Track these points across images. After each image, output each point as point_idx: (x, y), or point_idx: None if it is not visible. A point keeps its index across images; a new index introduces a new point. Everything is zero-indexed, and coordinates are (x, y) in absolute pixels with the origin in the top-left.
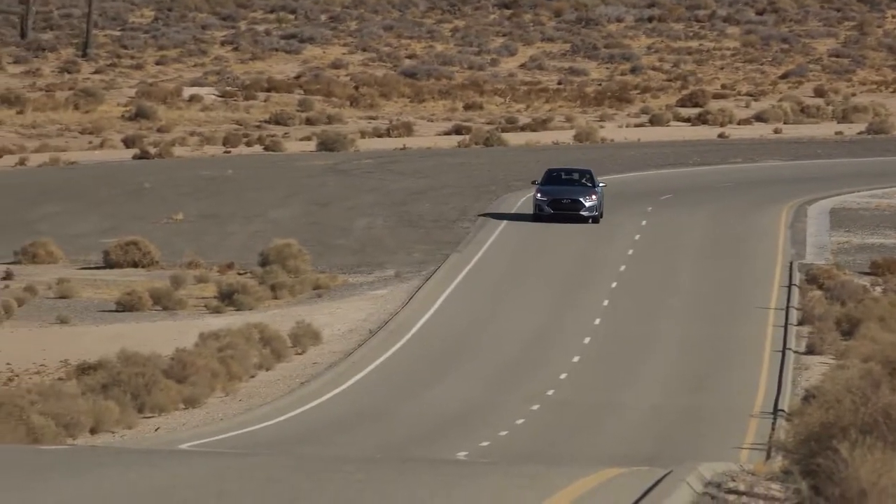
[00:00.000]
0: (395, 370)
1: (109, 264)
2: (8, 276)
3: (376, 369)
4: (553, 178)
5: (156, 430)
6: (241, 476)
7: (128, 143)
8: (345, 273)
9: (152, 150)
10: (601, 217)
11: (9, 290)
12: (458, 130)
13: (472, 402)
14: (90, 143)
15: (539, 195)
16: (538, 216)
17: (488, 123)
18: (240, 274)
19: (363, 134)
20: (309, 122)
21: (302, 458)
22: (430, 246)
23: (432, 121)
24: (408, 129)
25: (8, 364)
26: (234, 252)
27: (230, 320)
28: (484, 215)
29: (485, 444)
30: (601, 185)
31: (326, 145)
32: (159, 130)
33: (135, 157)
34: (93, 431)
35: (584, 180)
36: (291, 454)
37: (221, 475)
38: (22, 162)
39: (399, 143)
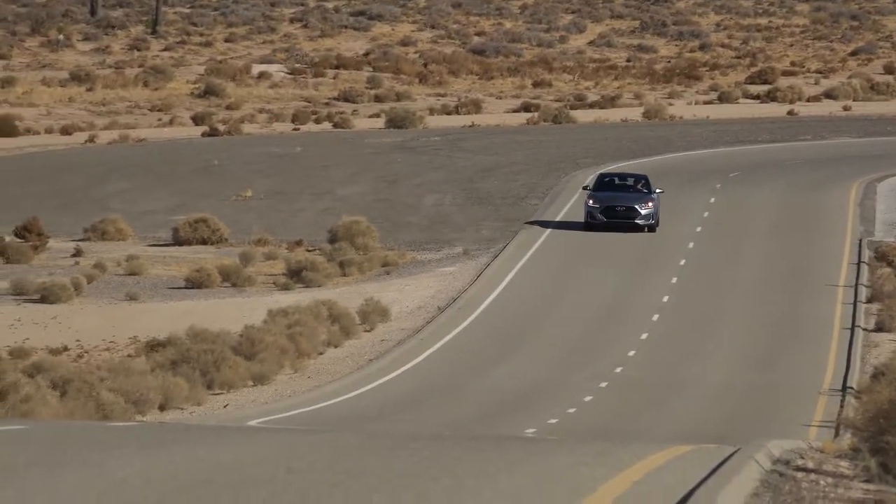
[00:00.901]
0: (464, 347)
1: (178, 241)
2: (78, 252)
3: (444, 346)
4: (606, 184)
5: (224, 406)
6: (309, 453)
7: (197, 120)
8: (413, 250)
9: (221, 128)
10: (657, 225)
11: (79, 266)
12: (526, 108)
13: (541, 379)
14: (159, 120)
15: (591, 202)
16: (590, 224)
17: (557, 101)
18: (308, 251)
19: (432, 111)
20: (378, 99)
21: (370, 434)
22: (499, 223)
23: (501, 98)
24: (476, 107)
25: (78, 341)
26: (303, 229)
27: (299, 297)
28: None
29: (553, 421)
30: (658, 191)
31: (395, 122)
32: (228, 108)
33: (204, 135)
34: (162, 408)
35: (639, 186)
36: (359, 431)
37: (289, 452)
38: (91, 139)
39: (467, 121)
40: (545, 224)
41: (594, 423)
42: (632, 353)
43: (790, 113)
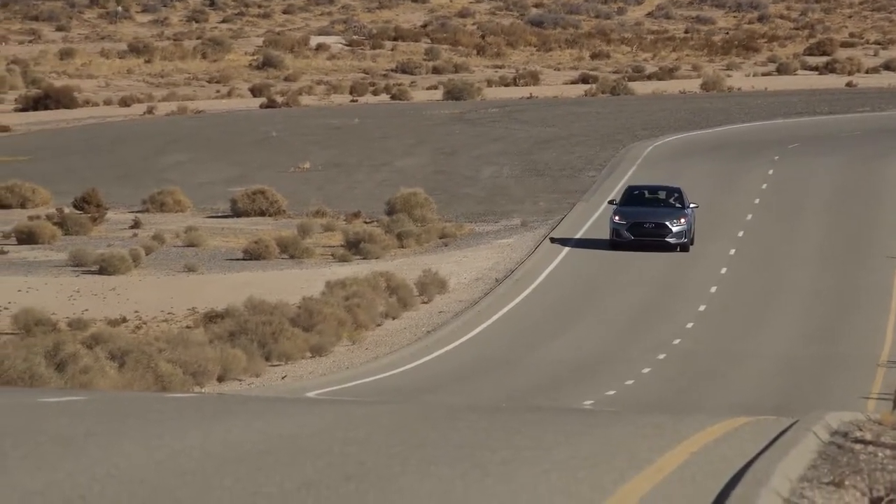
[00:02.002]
0: (521, 319)
1: (237, 213)
2: (136, 224)
3: (502, 318)
4: (634, 198)
5: (282, 378)
6: (366, 424)
7: (255, 91)
8: (471, 222)
9: (279, 99)
10: (692, 244)
11: (137, 238)
12: (584, 79)
13: (598, 350)
14: (217, 91)
15: (617, 217)
16: (615, 243)
17: (615, 72)
18: (366, 223)
19: (490, 83)
20: (435, 70)
21: (427, 406)
22: (557, 194)
23: (559, 70)
24: (534, 78)
25: (136, 312)
26: (361, 201)
27: (357, 269)
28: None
29: (610, 392)
30: (693, 205)
31: (453, 94)
32: (286, 79)
33: (262, 106)
34: (220, 379)
35: (671, 200)
36: (417, 402)
37: (347, 423)
38: (150, 111)
39: (525, 92)
40: (605, 193)
41: (652, 394)
42: (690, 324)
43: (849, 84)
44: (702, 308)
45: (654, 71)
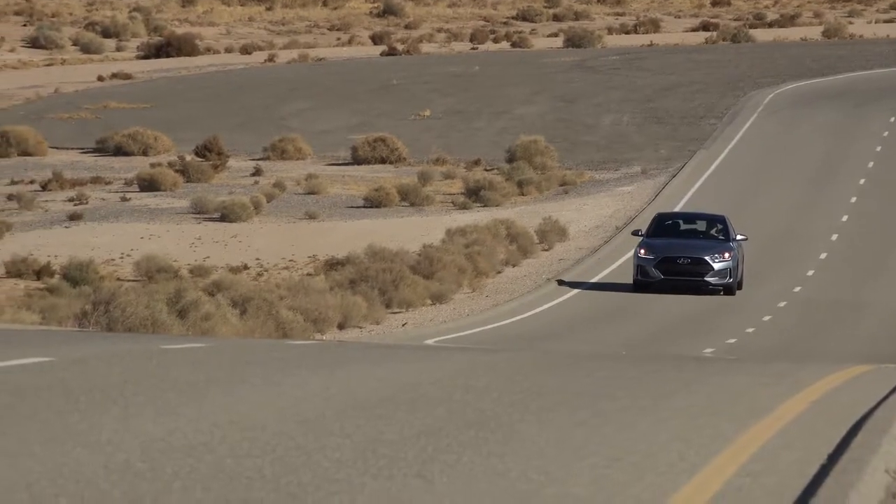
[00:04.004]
0: None
1: (357, 160)
2: (257, 171)
3: (622, 266)
4: (666, 228)
5: (403, 325)
6: (486, 372)
7: (376, 39)
8: (591, 169)
9: (400, 47)
10: (740, 287)
11: (258, 185)
12: (705, 27)
13: (719, 298)
14: (338, 39)
15: (642, 252)
16: (640, 284)
17: (736, 20)
18: (486, 170)
19: (610, 30)
20: (556, 18)
21: (547, 353)
22: (677, 142)
23: (679, 17)
24: (655, 26)
25: (257, 259)
26: (481, 148)
27: (477, 216)
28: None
29: (731, 341)
30: (740, 237)
31: (573, 42)
32: (407, 27)
33: (382, 54)
34: (340, 327)
35: (713, 231)
36: (536, 350)
37: (467, 371)
38: (271, 58)
39: (646, 40)
40: (726, 141)
41: (772, 342)
42: (810, 272)
43: None
44: (823, 256)
45: (775, 18)
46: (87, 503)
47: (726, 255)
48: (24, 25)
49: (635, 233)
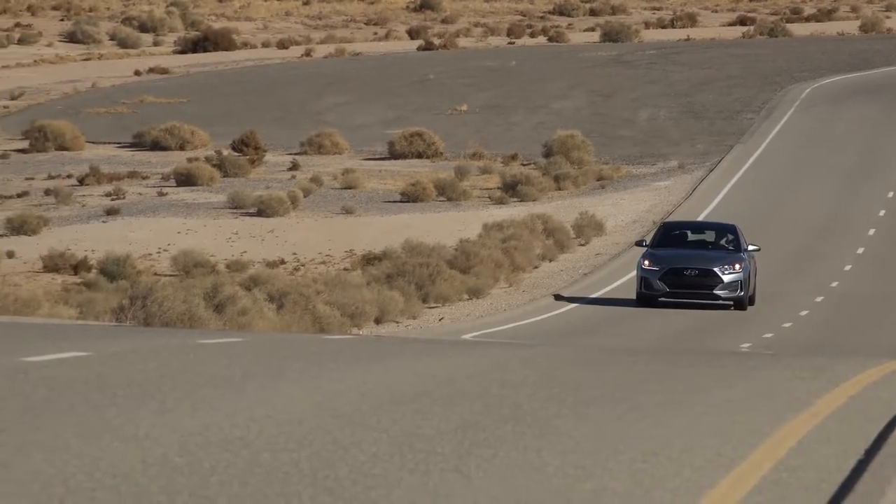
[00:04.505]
0: None
1: (394, 155)
2: (294, 166)
3: None
4: (672, 238)
5: (440, 320)
6: (523, 366)
7: (412, 34)
8: (628, 164)
9: (436, 41)
10: (752, 301)
11: (295, 180)
12: (742, 21)
13: (756, 293)
14: (375, 34)
15: (646, 263)
16: (644, 298)
17: (773, 14)
18: (523, 165)
19: (647, 24)
20: (593, 12)
21: (583, 348)
22: (714, 137)
23: (716, 11)
24: (691, 20)
25: (294, 254)
26: (518, 143)
27: (513, 211)
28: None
29: (768, 335)
30: (752, 248)
31: (610, 36)
32: (443, 21)
33: (419, 48)
34: (377, 321)
35: (723, 241)
36: (573, 344)
37: (503, 365)
38: (308, 53)
39: (683, 34)
40: (763, 135)
41: (810, 337)
42: (847, 267)
43: None
44: (860, 251)
45: (812, 12)
46: (124, 497)
47: (737, 266)
48: (62, 20)
49: (639, 243)
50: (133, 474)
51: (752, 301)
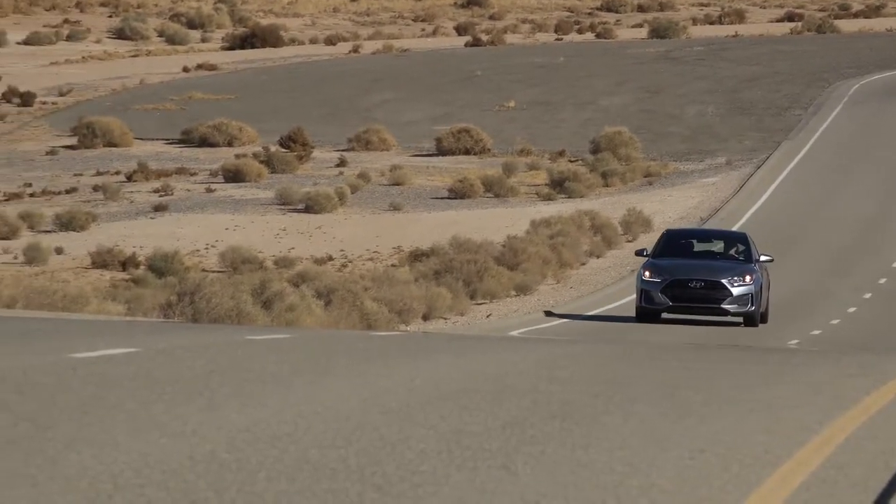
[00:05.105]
0: None
1: (441, 151)
2: (342, 162)
3: None
4: (677, 248)
5: (487, 316)
6: (570, 363)
7: (460, 30)
8: (676, 160)
9: (484, 38)
10: (764, 319)
11: (343, 176)
12: (790, 17)
13: (804, 289)
14: (423, 30)
15: (647, 274)
16: (644, 312)
17: (821, 10)
18: (571, 161)
19: (695, 21)
20: (640, 9)
21: (630, 345)
22: (762, 133)
23: (764, 8)
24: (739, 16)
25: (342, 250)
26: (566, 139)
27: (561, 207)
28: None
29: (816, 332)
30: (765, 258)
31: (658, 32)
32: (491, 18)
33: (467, 45)
34: (425, 318)
35: (732, 251)
36: (620, 341)
37: (551, 362)
38: (356, 49)
39: (731, 31)
40: (811, 132)
41: (857, 334)
42: (895, 264)
43: None
44: None
45: (860, 9)
46: (173, 493)
47: (747, 278)
48: (110, 17)
49: (640, 252)
50: (181, 470)
51: (764, 318)
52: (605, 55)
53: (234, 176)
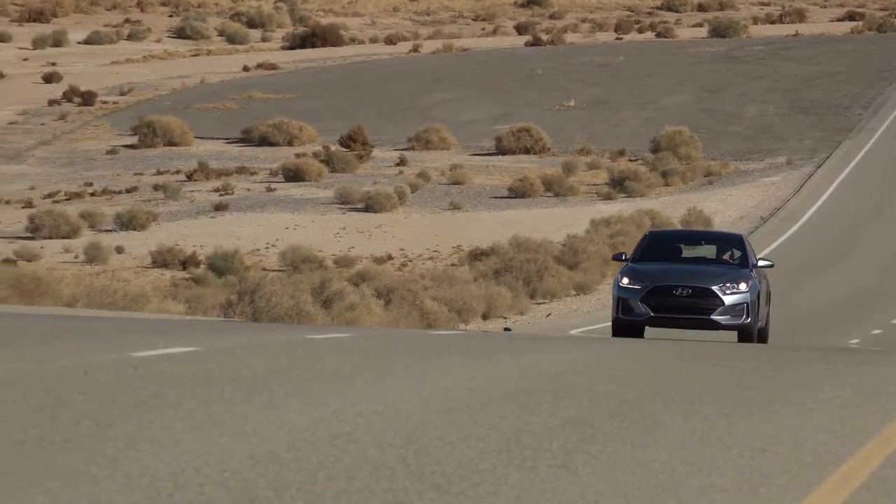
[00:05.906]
0: (787, 257)
1: (501, 150)
2: (402, 162)
3: (767, 256)
4: (661, 252)
5: (547, 315)
6: (629, 362)
7: (520, 29)
8: (736, 160)
9: (544, 37)
10: (764, 335)
11: (403, 175)
12: (851, 16)
13: (864, 289)
14: (483, 29)
15: (625, 280)
16: (622, 324)
17: (882, 9)
18: (631, 160)
19: (755, 20)
20: (701, 8)
21: (690, 344)
22: (823, 133)
23: (825, 7)
24: (800, 16)
25: (401, 249)
26: (626, 139)
27: (621, 207)
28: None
29: (876, 332)
30: (764, 263)
31: (718, 32)
32: (551, 17)
33: (527, 44)
34: (485, 317)
35: (725, 256)
36: (677, 341)
37: (611, 361)
38: (416, 49)
39: (791, 30)
40: (871, 132)
41: None
42: None
43: None
44: None
45: None
46: (233, 492)
47: (742, 285)
48: (171, 16)
49: (617, 257)
50: (241, 469)
51: (763, 335)
52: (665, 54)
53: (294, 175)
